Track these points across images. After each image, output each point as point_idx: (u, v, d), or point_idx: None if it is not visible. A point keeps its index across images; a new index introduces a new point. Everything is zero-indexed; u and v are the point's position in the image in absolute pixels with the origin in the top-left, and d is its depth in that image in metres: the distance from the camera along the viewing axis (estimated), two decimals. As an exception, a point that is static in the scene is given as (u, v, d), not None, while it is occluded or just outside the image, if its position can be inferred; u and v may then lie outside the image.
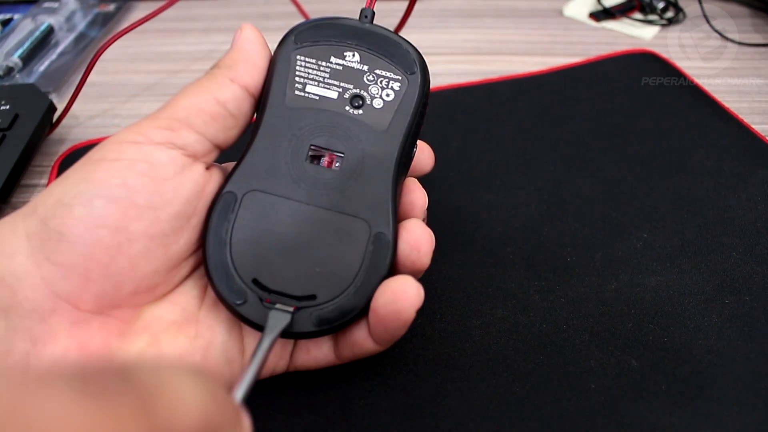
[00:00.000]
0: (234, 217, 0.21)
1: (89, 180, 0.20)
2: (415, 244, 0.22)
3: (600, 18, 0.50)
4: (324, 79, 0.23)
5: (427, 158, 0.26)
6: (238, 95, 0.22)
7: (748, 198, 0.32)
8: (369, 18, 0.24)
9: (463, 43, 0.47)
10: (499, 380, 0.25)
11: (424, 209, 0.24)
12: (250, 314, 0.21)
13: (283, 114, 0.23)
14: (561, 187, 0.33)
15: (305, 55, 0.23)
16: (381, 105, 0.23)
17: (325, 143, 0.22)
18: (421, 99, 0.23)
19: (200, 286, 0.23)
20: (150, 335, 0.21)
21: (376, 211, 0.22)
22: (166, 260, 0.21)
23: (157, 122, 0.21)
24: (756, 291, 0.28)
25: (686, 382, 0.24)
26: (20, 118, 0.35)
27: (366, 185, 0.22)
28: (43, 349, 0.19)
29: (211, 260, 0.21)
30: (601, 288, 0.28)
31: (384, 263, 0.21)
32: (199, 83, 0.22)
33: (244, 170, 0.22)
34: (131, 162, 0.20)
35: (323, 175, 0.22)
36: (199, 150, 0.22)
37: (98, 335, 0.20)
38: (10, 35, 0.46)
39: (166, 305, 0.22)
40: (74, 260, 0.19)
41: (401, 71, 0.23)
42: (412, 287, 0.21)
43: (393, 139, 0.23)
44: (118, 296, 0.20)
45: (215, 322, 0.22)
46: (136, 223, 0.20)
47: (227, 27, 0.50)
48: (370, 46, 0.23)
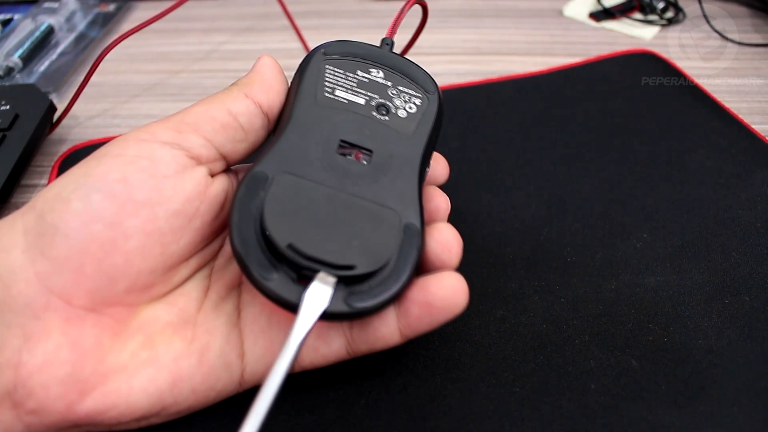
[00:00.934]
0: (265, 195, 0.21)
1: (89, 175, 0.20)
2: (447, 244, 0.22)
3: (600, 18, 0.50)
4: (352, 87, 0.24)
5: (443, 168, 0.26)
6: (251, 110, 0.23)
7: (748, 198, 0.32)
8: (390, 46, 0.26)
9: (463, 43, 0.47)
10: (499, 380, 0.25)
11: (447, 213, 0.24)
12: (282, 291, 0.19)
13: (314, 110, 0.23)
14: (561, 187, 0.33)
15: (334, 66, 0.24)
16: (405, 115, 0.24)
17: (355, 139, 0.23)
18: (438, 117, 0.25)
19: (201, 287, 0.23)
20: (144, 336, 0.21)
21: (405, 204, 0.22)
22: (163, 260, 0.21)
23: (166, 124, 0.22)
24: (756, 291, 0.28)
25: (686, 382, 0.24)
26: (20, 118, 0.35)
27: (394, 181, 0.22)
28: (35, 345, 0.19)
29: (236, 235, 0.20)
30: (601, 288, 0.28)
31: (414, 252, 0.21)
32: (215, 95, 0.23)
33: (274, 154, 0.22)
34: (133, 158, 0.20)
35: (353, 167, 0.22)
36: (204, 154, 0.22)
37: (91, 333, 0.20)
38: (10, 35, 0.46)
39: (163, 306, 0.22)
40: (68, 254, 0.19)
41: (421, 90, 0.25)
42: (463, 283, 0.21)
43: (418, 144, 0.23)
44: (111, 293, 0.20)
45: (213, 325, 0.22)
46: (132, 218, 0.20)
47: (227, 27, 0.50)
48: (392, 67, 0.25)
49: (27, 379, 0.19)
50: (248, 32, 0.49)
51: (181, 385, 0.21)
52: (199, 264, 0.23)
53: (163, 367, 0.20)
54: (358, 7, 0.52)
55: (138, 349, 0.20)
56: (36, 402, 0.19)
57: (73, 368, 0.19)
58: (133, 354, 0.20)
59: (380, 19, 0.50)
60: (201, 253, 0.23)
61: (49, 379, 0.19)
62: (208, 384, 0.21)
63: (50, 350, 0.19)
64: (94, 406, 0.20)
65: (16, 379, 0.19)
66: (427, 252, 0.22)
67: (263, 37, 0.49)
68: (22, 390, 0.19)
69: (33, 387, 0.19)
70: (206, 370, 0.21)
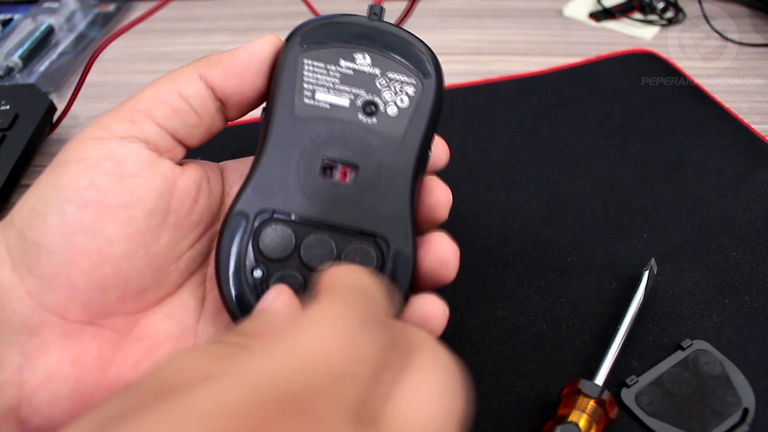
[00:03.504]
0: (248, 238, 0.20)
1: (58, 185, 0.20)
2: (444, 258, 0.21)
3: (600, 18, 0.50)
4: (334, 85, 0.22)
5: (442, 152, 0.24)
6: (202, 93, 0.21)
7: (748, 198, 0.32)
8: (378, 15, 0.23)
9: (463, 43, 0.47)
10: (499, 380, 0.25)
11: (448, 208, 0.23)
12: None
13: (293, 124, 0.21)
14: (561, 187, 0.33)
15: (313, 58, 0.22)
16: (395, 112, 0.22)
17: (339, 155, 0.21)
18: (436, 102, 0.22)
19: (197, 297, 0.22)
20: (146, 347, 0.20)
21: (395, 226, 0.21)
22: (149, 261, 0.20)
23: (118, 115, 0.21)
24: (756, 291, 0.28)
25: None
26: (20, 118, 0.35)
27: (383, 199, 0.21)
28: (36, 362, 0.19)
29: (225, 284, 0.20)
30: (600, 288, 0.28)
31: (405, 282, 0.21)
32: (168, 75, 0.22)
33: (254, 186, 0.21)
34: (96, 161, 0.20)
35: (338, 191, 0.21)
36: (161, 144, 0.21)
37: (91, 347, 0.20)
38: (11, 35, 0.46)
39: (161, 317, 0.21)
40: (56, 270, 0.19)
41: (414, 74, 0.22)
42: (440, 306, 0.21)
43: (409, 148, 0.22)
44: (106, 303, 0.20)
45: (214, 336, 0.21)
46: (111, 224, 0.20)
47: (227, 27, 0.50)
48: (381, 46, 0.22)
49: (31, 396, 0.19)
50: (248, 32, 0.49)
51: None
52: (189, 267, 0.22)
53: None
54: (360, 7, 0.52)
55: (140, 361, 0.20)
56: (42, 419, 0.19)
57: (76, 383, 0.19)
58: (135, 366, 0.20)
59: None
60: (188, 254, 0.22)
61: (54, 396, 0.19)
62: None
63: (51, 367, 0.19)
64: None
65: (20, 396, 0.19)
66: (423, 268, 0.21)
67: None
68: (27, 407, 0.19)
69: (39, 404, 0.19)
70: None
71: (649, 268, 0.27)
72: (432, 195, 0.23)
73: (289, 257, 0.21)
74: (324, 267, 0.19)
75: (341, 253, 0.21)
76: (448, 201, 0.23)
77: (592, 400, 0.22)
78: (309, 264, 0.21)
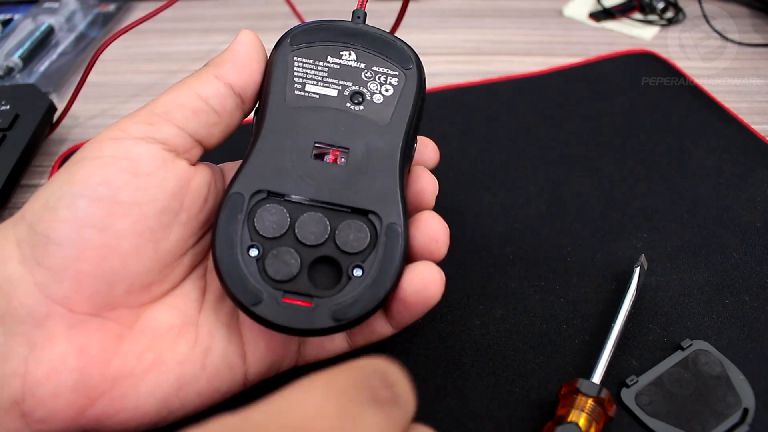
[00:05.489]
0: (243, 218, 0.21)
1: (72, 181, 0.20)
2: (433, 235, 0.22)
3: (600, 18, 0.50)
4: (323, 77, 0.23)
5: (432, 152, 0.26)
6: (222, 92, 0.22)
7: (748, 198, 0.32)
8: (362, 19, 0.25)
9: (463, 43, 0.47)
10: (499, 380, 0.25)
11: (434, 195, 0.24)
12: (267, 314, 0.20)
13: (285, 113, 0.23)
14: (561, 187, 0.33)
15: (302, 56, 0.23)
16: (381, 100, 0.23)
17: (330, 139, 0.22)
18: (419, 93, 0.24)
19: (199, 288, 0.23)
20: (149, 339, 0.21)
21: (386, 202, 0.22)
22: (157, 258, 0.21)
23: (136, 118, 0.21)
24: (756, 291, 0.28)
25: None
26: (20, 118, 0.35)
27: (373, 178, 0.22)
28: (41, 353, 0.19)
29: (222, 263, 0.21)
30: (600, 288, 0.28)
31: (398, 252, 0.21)
32: (184, 80, 0.23)
33: (249, 170, 0.22)
34: (111, 159, 0.20)
35: (330, 171, 0.22)
36: (180, 144, 0.22)
37: (96, 338, 0.20)
38: (11, 35, 0.46)
39: (164, 308, 0.22)
40: (64, 263, 0.19)
41: (398, 67, 0.24)
42: (437, 273, 0.21)
43: (396, 132, 0.23)
44: (112, 296, 0.20)
45: (215, 327, 0.22)
46: (121, 220, 0.20)
47: (227, 27, 0.50)
48: (365, 44, 0.24)
49: (35, 388, 0.19)
50: (248, 32, 0.49)
51: (186, 388, 0.21)
52: (193, 262, 0.23)
53: (168, 370, 0.20)
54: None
55: (144, 352, 0.20)
56: (46, 410, 0.19)
57: (80, 375, 0.19)
58: (139, 357, 0.20)
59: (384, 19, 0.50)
60: (193, 250, 0.23)
61: (58, 387, 0.19)
62: (213, 386, 0.21)
63: (56, 358, 0.19)
64: (102, 410, 0.20)
65: (24, 388, 0.19)
66: (414, 245, 0.22)
67: (263, 37, 0.48)
68: (31, 400, 0.19)
69: (43, 396, 0.19)
70: (210, 372, 0.21)
71: (640, 264, 0.27)
72: (418, 182, 0.23)
73: (284, 235, 0.21)
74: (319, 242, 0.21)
75: (335, 230, 0.21)
76: (434, 188, 0.24)
77: (591, 398, 0.22)
78: (304, 241, 0.21)
